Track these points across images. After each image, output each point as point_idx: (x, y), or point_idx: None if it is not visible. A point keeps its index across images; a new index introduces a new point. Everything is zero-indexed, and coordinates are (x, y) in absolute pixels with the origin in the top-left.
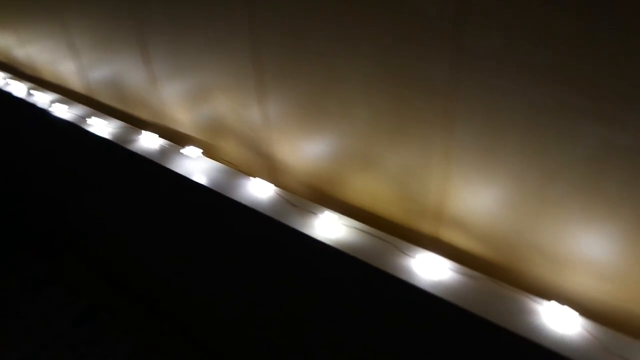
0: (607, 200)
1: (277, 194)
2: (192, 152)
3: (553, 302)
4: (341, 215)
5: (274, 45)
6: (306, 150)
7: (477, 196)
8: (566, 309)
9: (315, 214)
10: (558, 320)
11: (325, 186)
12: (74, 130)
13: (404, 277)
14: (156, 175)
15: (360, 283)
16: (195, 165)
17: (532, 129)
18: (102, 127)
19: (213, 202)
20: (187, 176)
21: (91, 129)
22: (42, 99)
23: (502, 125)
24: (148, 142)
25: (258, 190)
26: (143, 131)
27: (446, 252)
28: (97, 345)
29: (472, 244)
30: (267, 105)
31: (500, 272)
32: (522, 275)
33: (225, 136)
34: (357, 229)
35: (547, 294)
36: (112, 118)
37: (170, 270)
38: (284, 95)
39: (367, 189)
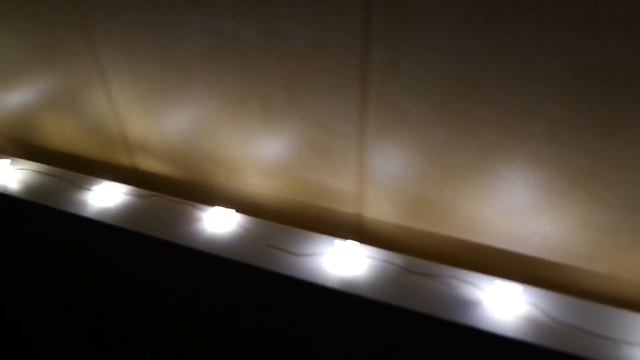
0: (234, 93)
1: None
2: None
3: (216, 207)
4: (24, 161)
5: None
6: None
7: (145, 116)
8: (225, 210)
9: None
10: (217, 222)
11: (23, 135)
12: None
13: (72, 209)
14: None
15: (36, 221)
16: None
17: (156, 29)
18: None
19: None
20: None
21: None
22: None
23: (133, 27)
24: None
25: None
26: None
27: (142, 179)
28: None
29: (163, 167)
30: None
31: (192, 189)
32: (209, 187)
33: None
34: (40, 172)
35: (229, 200)
36: None
37: None
38: None
39: (59, 129)
